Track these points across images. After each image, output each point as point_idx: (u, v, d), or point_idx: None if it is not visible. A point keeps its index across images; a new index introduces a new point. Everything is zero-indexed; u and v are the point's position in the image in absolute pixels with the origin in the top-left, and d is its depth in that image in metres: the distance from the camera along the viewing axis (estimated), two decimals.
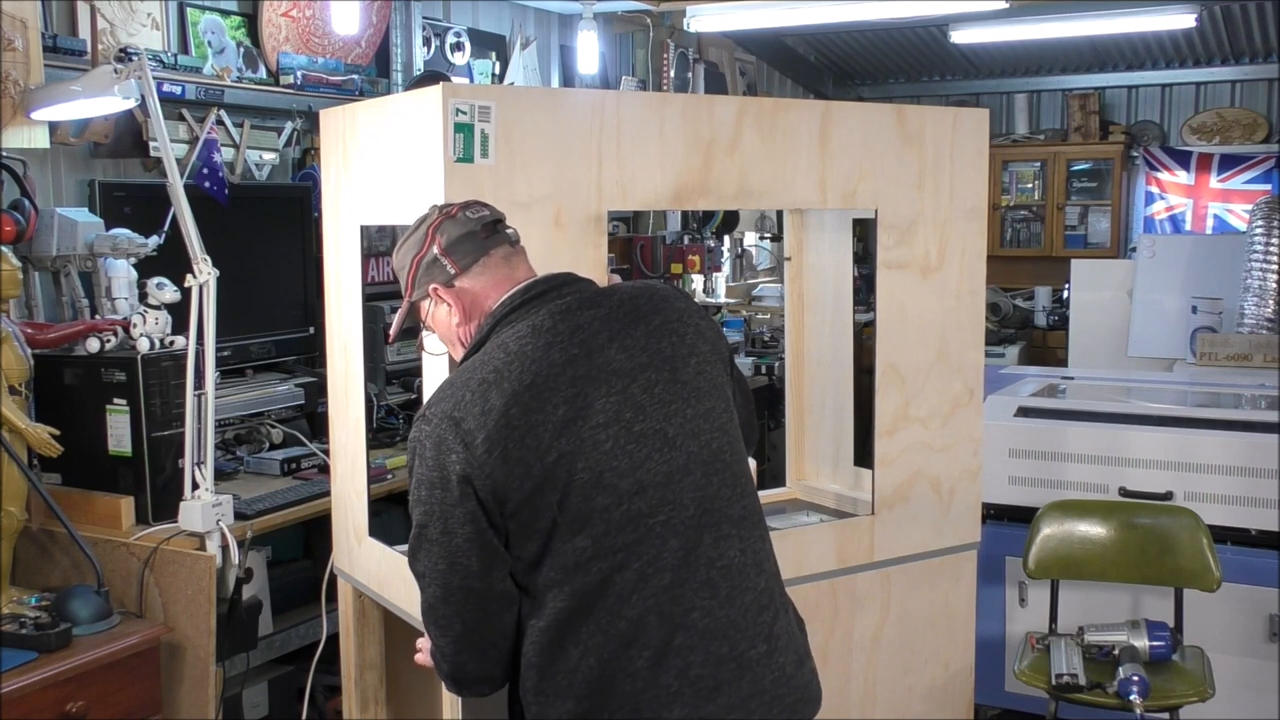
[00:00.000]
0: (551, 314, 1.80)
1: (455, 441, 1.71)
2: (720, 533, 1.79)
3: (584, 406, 1.74)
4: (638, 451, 1.75)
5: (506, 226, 1.88)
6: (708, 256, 5.80)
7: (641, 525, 1.74)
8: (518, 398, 1.71)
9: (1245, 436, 3.46)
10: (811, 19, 6.09)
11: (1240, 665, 3.36)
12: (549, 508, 1.71)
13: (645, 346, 1.81)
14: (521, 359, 1.75)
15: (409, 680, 2.77)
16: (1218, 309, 5.43)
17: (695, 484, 1.79)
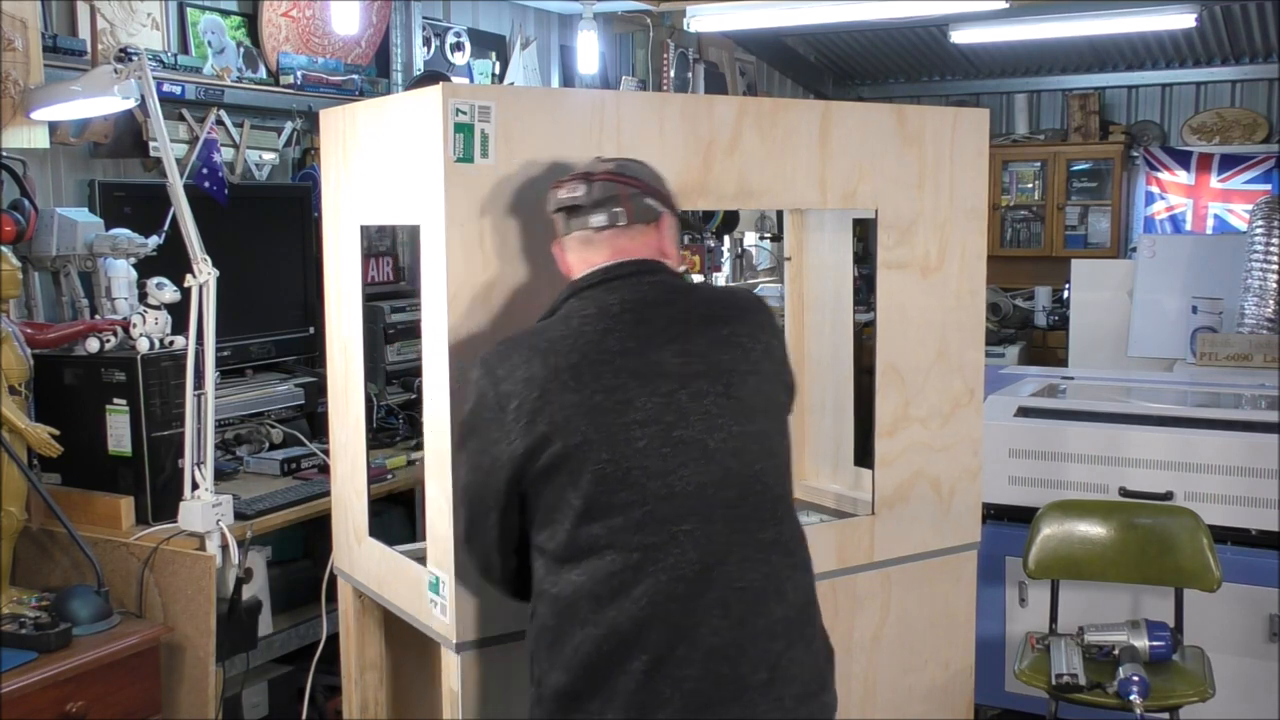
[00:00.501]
0: (623, 301, 1.84)
1: (491, 400, 1.81)
2: (745, 555, 1.79)
3: (623, 400, 1.76)
4: (673, 457, 1.76)
5: (597, 211, 1.90)
6: (708, 256, 5.79)
7: (665, 530, 1.75)
8: (558, 374, 1.77)
9: (1245, 436, 3.46)
10: (811, 19, 6.09)
11: (1240, 665, 3.36)
12: (567, 488, 1.76)
13: (705, 355, 1.82)
14: (576, 338, 1.80)
15: (409, 680, 2.77)
16: (1218, 309, 5.44)
17: (728, 501, 1.79)
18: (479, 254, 2.13)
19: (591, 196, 1.91)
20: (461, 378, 2.13)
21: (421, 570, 2.28)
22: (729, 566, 1.78)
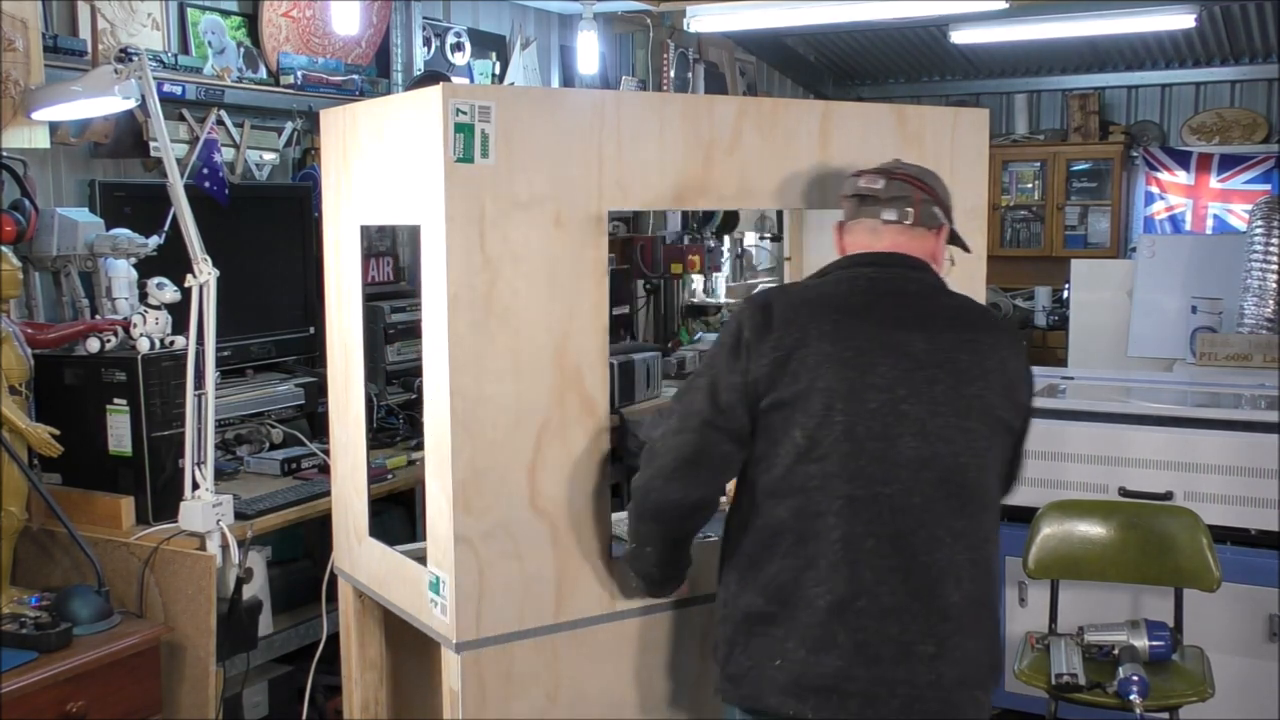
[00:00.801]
0: (889, 283, 2.05)
1: (753, 328, 1.99)
2: (934, 534, 1.94)
3: (868, 364, 1.95)
4: (895, 426, 1.93)
5: (879, 203, 2.09)
6: (708, 256, 5.79)
7: (871, 488, 1.92)
8: (818, 324, 1.97)
9: (1245, 436, 3.46)
10: (811, 19, 6.09)
11: (1240, 665, 3.36)
12: (795, 426, 1.94)
13: (946, 350, 1.99)
14: (842, 299, 2.02)
15: (409, 680, 2.77)
16: (1218, 309, 5.43)
17: (931, 481, 1.94)
18: (479, 254, 2.13)
19: (888, 192, 2.10)
20: (462, 378, 2.13)
21: (421, 570, 2.28)
22: (918, 539, 1.93)
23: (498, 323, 2.16)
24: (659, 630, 2.40)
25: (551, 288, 2.21)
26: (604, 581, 2.32)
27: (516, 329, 2.18)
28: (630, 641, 2.37)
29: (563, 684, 2.30)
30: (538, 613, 2.25)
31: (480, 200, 2.12)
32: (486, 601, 2.19)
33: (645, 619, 2.38)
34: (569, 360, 2.24)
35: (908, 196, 2.10)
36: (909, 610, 1.92)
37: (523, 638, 2.24)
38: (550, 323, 2.22)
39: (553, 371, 2.22)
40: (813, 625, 1.92)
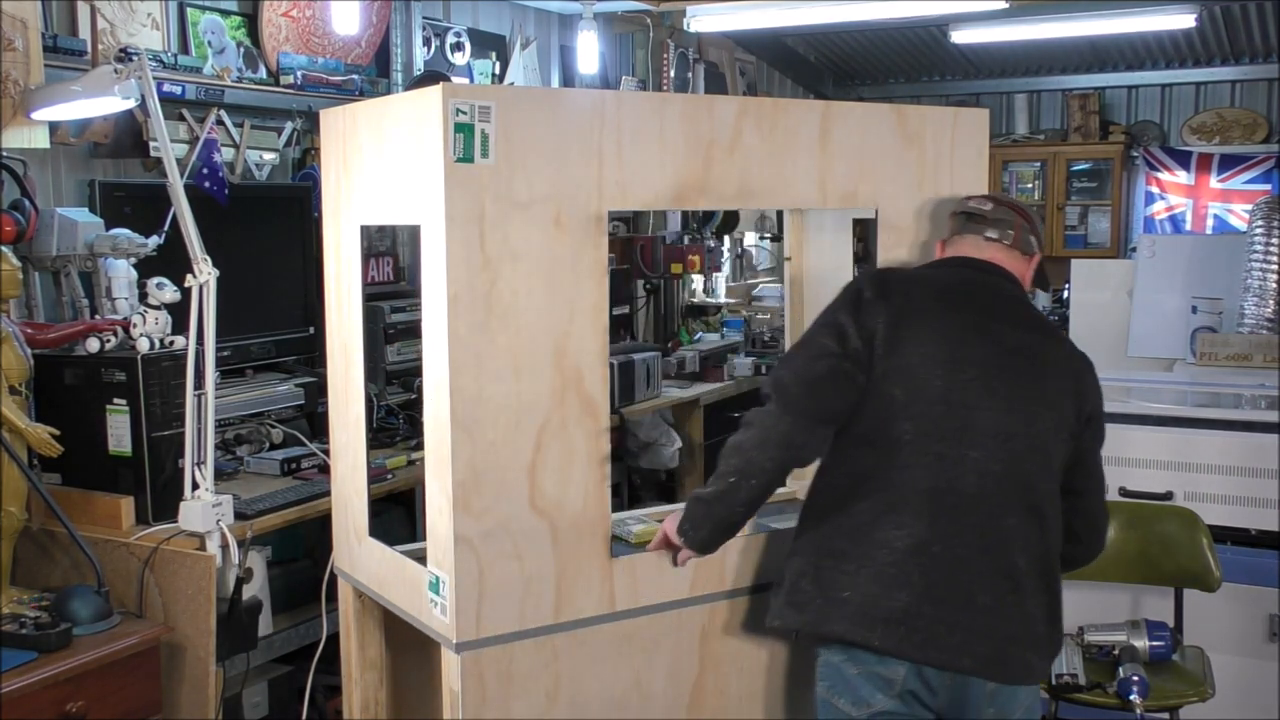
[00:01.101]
0: (989, 284, 2.29)
1: (872, 290, 2.23)
2: (1010, 502, 2.15)
3: (964, 341, 2.20)
4: (986, 398, 2.16)
5: (984, 222, 2.34)
6: (708, 256, 5.79)
7: (959, 449, 2.14)
8: (926, 300, 2.23)
9: (1245, 436, 3.46)
10: (811, 19, 6.09)
11: (1240, 665, 3.36)
12: (897, 385, 2.16)
13: (1033, 350, 2.23)
14: (947, 283, 2.29)
15: (409, 680, 2.77)
16: (1218, 309, 5.42)
17: (1012, 454, 2.16)
18: (479, 254, 2.13)
19: (994, 214, 2.35)
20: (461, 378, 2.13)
21: (421, 570, 2.28)
22: (994, 503, 2.14)
23: (498, 323, 2.16)
24: (659, 630, 2.40)
25: (551, 288, 2.21)
26: (604, 581, 2.32)
27: (516, 329, 2.18)
28: (630, 641, 2.37)
29: (563, 684, 2.30)
30: (538, 613, 2.25)
31: (480, 200, 2.12)
32: (486, 601, 2.19)
33: (645, 619, 2.38)
34: (569, 360, 2.24)
35: (1010, 220, 2.34)
36: (976, 564, 2.12)
37: (523, 638, 2.24)
38: (550, 323, 2.22)
39: (553, 371, 2.22)
40: (889, 564, 2.11)
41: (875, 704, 2.14)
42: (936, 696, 2.14)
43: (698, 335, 6.14)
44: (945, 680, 2.12)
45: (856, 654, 2.14)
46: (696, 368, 5.46)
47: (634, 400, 4.71)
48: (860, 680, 2.15)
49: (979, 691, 2.13)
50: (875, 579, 2.12)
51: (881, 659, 2.12)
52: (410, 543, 2.54)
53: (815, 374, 2.19)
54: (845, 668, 2.17)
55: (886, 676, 2.13)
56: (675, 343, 5.81)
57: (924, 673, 2.12)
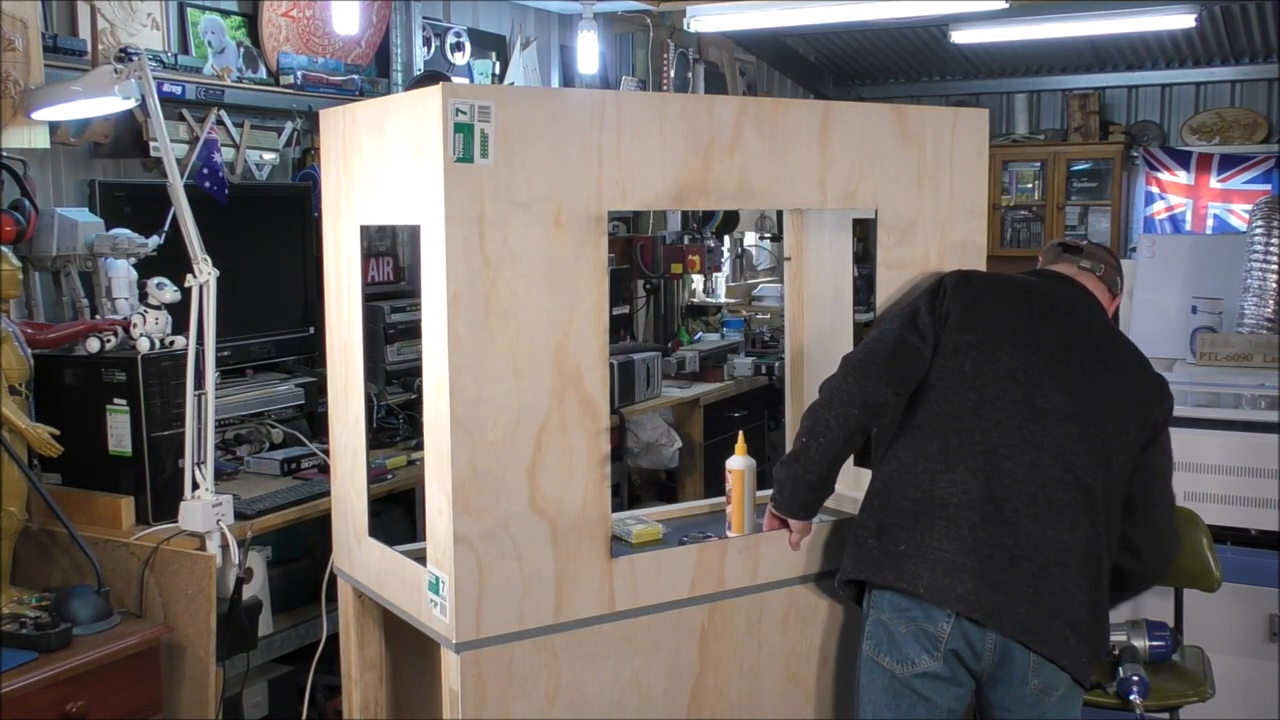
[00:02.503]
0: (1072, 294, 2.47)
1: (954, 283, 2.43)
2: (1065, 477, 2.25)
3: (1036, 327, 2.36)
4: (1050, 378, 2.30)
5: (1080, 254, 2.55)
6: (708, 256, 5.80)
7: (1020, 421, 2.27)
8: (1005, 293, 2.43)
9: (1245, 436, 3.46)
10: (811, 19, 6.09)
11: (1240, 665, 3.36)
12: (966, 359, 2.33)
13: (1101, 355, 2.36)
14: (1030, 284, 2.47)
15: (409, 680, 2.77)
16: (1218, 309, 5.42)
17: (1073, 435, 2.27)
18: (479, 254, 2.13)
19: (1090, 249, 2.56)
20: (461, 378, 2.13)
21: (421, 570, 2.28)
22: (1049, 475, 2.25)
23: (498, 323, 2.16)
24: (659, 630, 2.40)
25: (551, 288, 2.21)
26: (604, 581, 2.32)
27: (516, 329, 2.18)
28: (630, 641, 2.37)
29: (563, 684, 2.30)
30: (537, 613, 2.25)
31: (480, 200, 2.12)
32: (486, 601, 2.19)
33: (645, 619, 2.38)
34: (569, 360, 2.24)
35: (1103, 258, 2.56)
36: (1025, 530, 2.21)
37: (522, 638, 2.24)
38: (550, 323, 2.22)
39: (553, 371, 2.22)
40: (941, 518, 2.23)
41: (920, 664, 2.23)
42: (980, 661, 2.22)
43: (698, 335, 6.14)
44: (989, 643, 2.20)
45: (906, 610, 2.24)
46: (696, 368, 5.46)
47: (634, 400, 4.71)
48: (908, 639, 2.24)
49: (1022, 660, 2.20)
50: (929, 531, 2.24)
51: (929, 615, 2.21)
52: (410, 543, 2.54)
53: (881, 343, 2.39)
54: (894, 625, 2.25)
55: (933, 634, 2.21)
56: (675, 343, 5.81)
57: (969, 634, 2.20)
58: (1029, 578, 2.20)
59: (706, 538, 2.61)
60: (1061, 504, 2.24)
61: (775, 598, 2.52)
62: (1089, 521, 2.26)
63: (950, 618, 2.20)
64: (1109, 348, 2.40)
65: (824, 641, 2.61)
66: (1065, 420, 2.28)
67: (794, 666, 2.57)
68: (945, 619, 2.21)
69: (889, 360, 2.38)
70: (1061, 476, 2.25)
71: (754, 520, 2.62)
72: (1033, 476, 2.24)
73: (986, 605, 2.18)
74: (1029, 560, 2.21)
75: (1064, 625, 2.20)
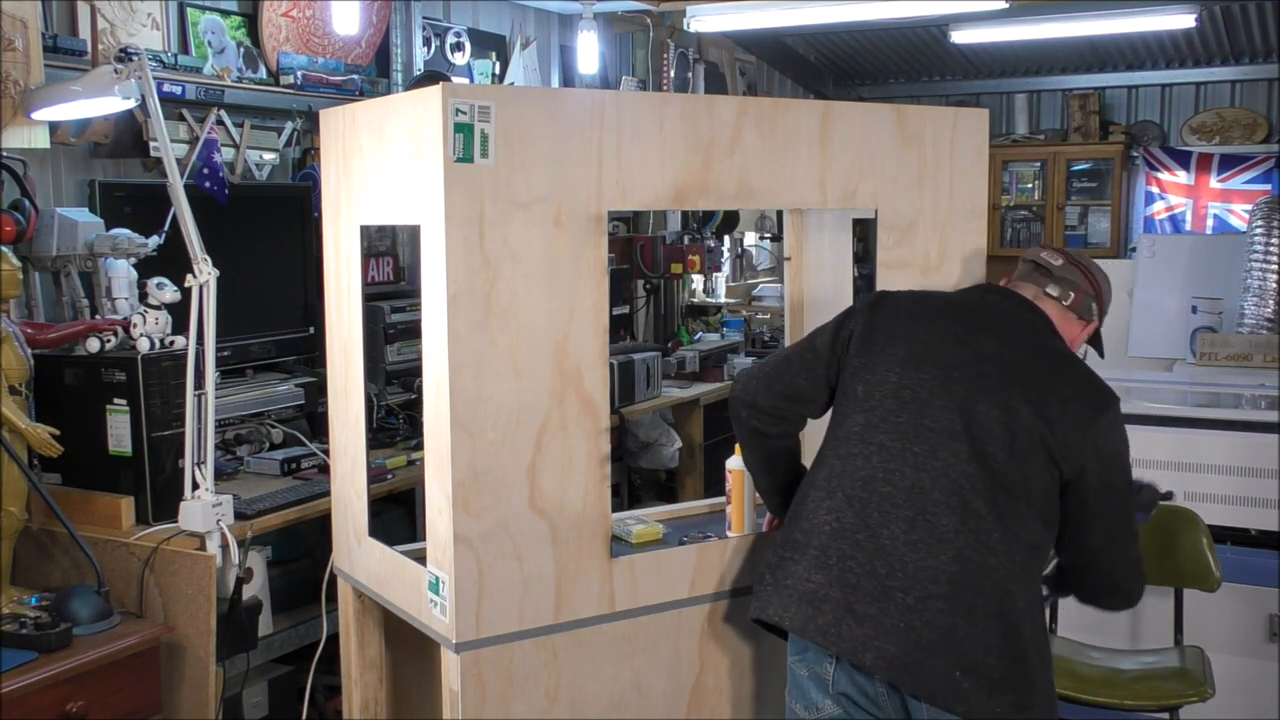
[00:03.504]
0: (1006, 311, 2.28)
1: (865, 302, 2.32)
2: (950, 502, 2.05)
3: (934, 344, 2.18)
4: (940, 397, 2.12)
5: (1049, 277, 2.33)
6: (708, 256, 5.79)
7: (904, 442, 2.11)
8: (914, 309, 2.26)
9: (1245, 436, 3.46)
10: (811, 19, 6.09)
11: (1240, 665, 3.36)
12: (860, 383, 2.20)
13: (1016, 367, 2.14)
14: (949, 301, 2.32)
15: (409, 680, 2.77)
16: (1218, 309, 5.43)
17: (962, 454, 2.07)
18: (479, 254, 2.13)
19: (1061, 271, 2.33)
20: (461, 378, 2.13)
21: (421, 570, 2.28)
22: (932, 499, 2.05)
23: (498, 323, 2.16)
24: (659, 630, 2.40)
25: (551, 288, 2.21)
26: (604, 581, 2.32)
27: (516, 329, 2.18)
28: (630, 641, 2.37)
29: (563, 684, 2.30)
30: (537, 613, 2.25)
31: (480, 200, 2.12)
32: (486, 601, 2.19)
33: (645, 619, 2.38)
34: (569, 360, 2.24)
35: (1076, 283, 2.32)
36: (902, 558, 2.03)
37: (522, 638, 2.24)
38: (550, 323, 2.22)
39: (553, 371, 2.22)
40: (814, 547, 2.11)
41: (824, 709, 2.10)
42: (881, 710, 2.04)
43: (698, 335, 6.14)
44: (880, 690, 2.03)
45: (803, 653, 2.13)
46: (696, 368, 5.46)
47: (634, 400, 4.71)
48: (809, 683, 2.12)
49: (918, 713, 2.00)
50: (802, 562, 2.12)
51: (816, 657, 2.09)
52: (410, 543, 2.54)
53: (772, 358, 2.39)
54: (796, 668, 2.15)
55: (822, 676, 2.09)
56: (675, 343, 5.81)
57: (855, 677, 2.05)
58: (902, 611, 2.00)
59: (706, 538, 2.61)
60: (944, 530, 2.03)
61: None
62: (984, 550, 2.03)
63: (832, 660, 2.06)
64: (1035, 365, 2.15)
65: None
66: (953, 439, 2.08)
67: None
68: (828, 660, 2.07)
69: (772, 375, 2.35)
70: (945, 501, 2.05)
71: (754, 520, 2.62)
72: (912, 501, 2.06)
73: (848, 639, 2.01)
74: (905, 592, 2.01)
75: (952, 667, 1.97)
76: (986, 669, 1.97)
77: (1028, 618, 2.04)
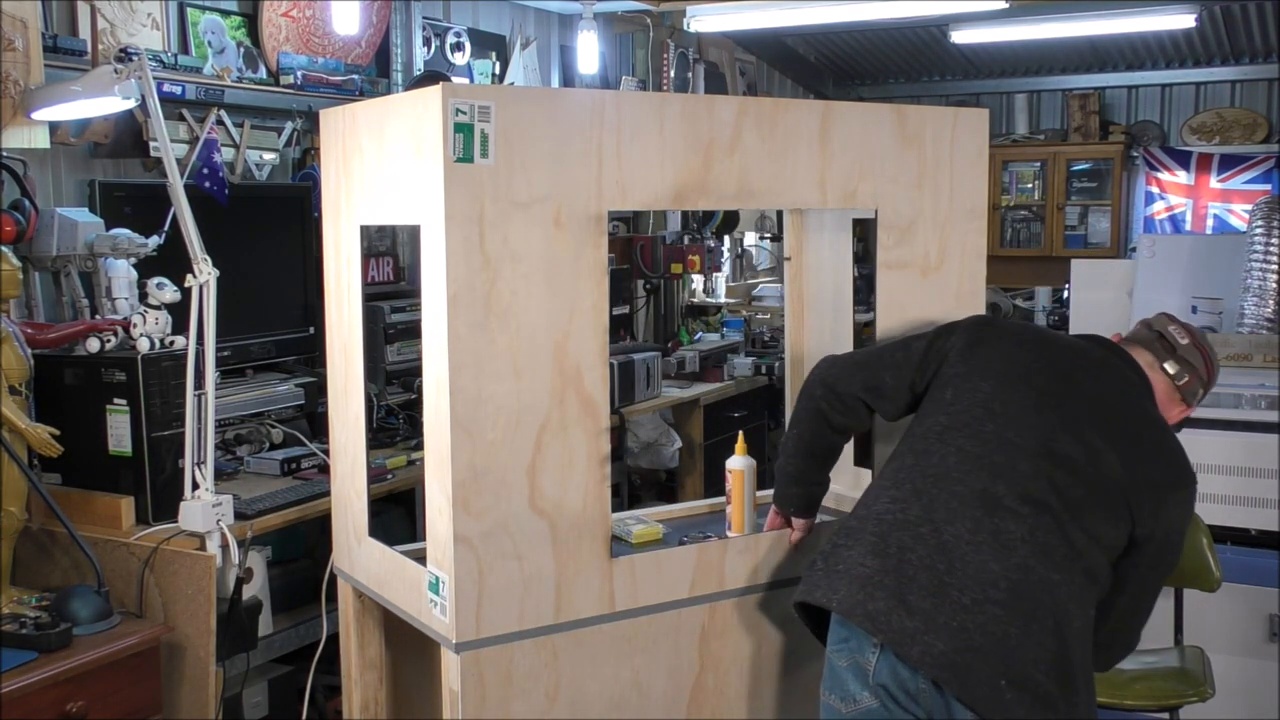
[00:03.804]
0: (1112, 367, 2.25)
1: (968, 323, 2.33)
2: (1022, 511, 2.04)
3: (1030, 369, 2.19)
4: (1030, 415, 2.12)
5: (1172, 355, 2.29)
6: (708, 256, 5.79)
7: (985, 448, 2.10)
8: (1016, 339, 2.28)
9: (1245, 436, 3.46)
10: (811, 19, 6.09)
11: (1240, 665, 3.36)
12: (950, 388, 2.22)
13: (1115, 415, 2.15)
14: (1059, 340, 2.33)
15: (409, 680, 2.77)
16: (1218, 309, 5.42)
17: (1045, 470, 2.06)
18: (479, 254, 2.13)
19: (1184, 352, 2.29)
20: (461, 378, 2.13)
21: (421, 570, 2.28)
22: (1004, 505, 2.04)
23: (498, 323, 2.16)
24: (659, 630, 2.40)
25: (551, 288, 2.21)
26: (604, 581, 2.32)
27: (516, 329, 2.18)
28: (630, 641, 2.37)
29: (563, 684, 2.30)
30: (538, 613, 2.25)
31: (480, 200, 2.12)
32: (486, 601, 2.19)
33: (645, 619, 2.38)
34: (569, 360, 2.24)
35: (1195, 368, 2.29)
36: (964, 558, 2.00)
37: (523, 638, 2.24)
38: (550, 323, 2.22)
39: (553, 371, 2.22)
40: (873, 534, 2.09)
41: (861, 700, 2.04)
42: (920, 706, 1.98)
43: (698, 335, 6.14)
44: (922, 686, 1.96)
45: (845, 641, 2.06)
46: (696, 368, 5.46)
47: (634, 400, 4.71)
48: (847, 673, 2.05)
49: (961, 715, 1.94)
50: (858, 547, 2.09)
51: (860, 645, 2.02)
52: (410, 543, 2.54)
53: (862, 349, 2.41)
54: (836, 659, 2.09)
55: (863, 666, 2.02)
56: (675, 343, 5.81)
57: (898, 670, 1.97)
58: (956, 609, 1.95)
59: (706, 538, 2.61)
60: (1011, 537, 2.01)
61: (775, 598, 2.52)
62: (1048, 564, 2.00)
63: (875, 649, 2.00)
64: (1129, 421, 2.16)
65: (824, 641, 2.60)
66: (1035, 457, 2.07)
67: (794, 666, 2.57)
68: (872, 650, 2.00)
69: (861, 363, 2.37)
70: (1016, 510, 2.03)
71: (754, 520, 2.62)
72: (982, 503, 2.04)
73: (896, 629, 1.96)
74: (962, 591, 1.97)
75: (998, 675, 1.92)
76: (1033, 684, 1.93)
77: (1080, 641, 2.01)
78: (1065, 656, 1.96)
